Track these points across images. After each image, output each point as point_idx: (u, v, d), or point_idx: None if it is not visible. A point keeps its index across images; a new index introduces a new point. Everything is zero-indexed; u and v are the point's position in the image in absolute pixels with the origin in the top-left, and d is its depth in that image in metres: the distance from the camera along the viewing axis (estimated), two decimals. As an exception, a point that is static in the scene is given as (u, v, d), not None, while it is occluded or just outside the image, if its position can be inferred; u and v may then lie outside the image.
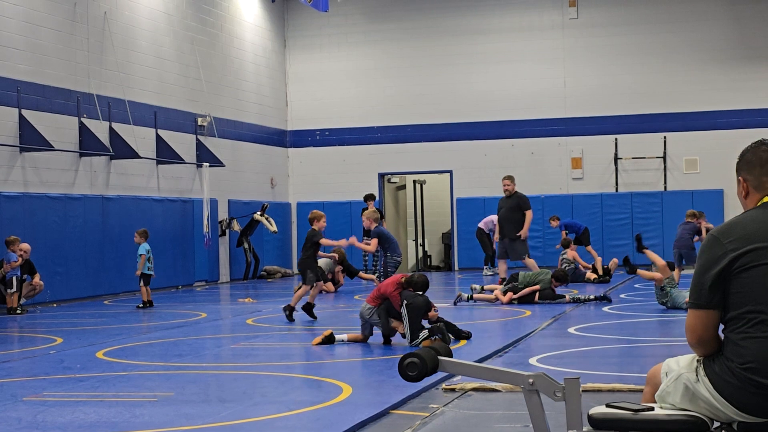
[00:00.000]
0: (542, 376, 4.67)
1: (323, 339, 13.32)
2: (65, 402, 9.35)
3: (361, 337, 13.51)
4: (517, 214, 21.98)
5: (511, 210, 22.03)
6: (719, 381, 4.52)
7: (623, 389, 9.12)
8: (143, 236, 20.77)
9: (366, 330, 13.47)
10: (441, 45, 33.30)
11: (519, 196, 22.23)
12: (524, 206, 22.01)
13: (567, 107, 32.49)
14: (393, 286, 13.23)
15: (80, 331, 16.26)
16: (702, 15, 31.75)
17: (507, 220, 22.02)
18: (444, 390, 9.52)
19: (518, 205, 22.02)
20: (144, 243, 20.66)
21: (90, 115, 23.72)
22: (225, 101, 30.25)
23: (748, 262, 4.48)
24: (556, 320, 16.10)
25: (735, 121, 31.14)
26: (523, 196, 22.32)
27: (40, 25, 22.35)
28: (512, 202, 22.06)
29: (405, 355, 4.79)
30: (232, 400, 9.32)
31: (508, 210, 22.11)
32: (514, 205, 22.00)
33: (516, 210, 21.99)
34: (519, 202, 22.06)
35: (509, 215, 22.01)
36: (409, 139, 33.53)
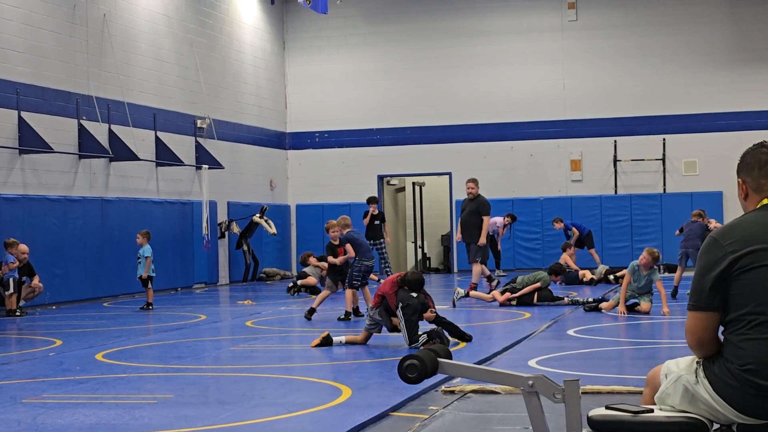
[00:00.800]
0: (542, 378, 4.67)
1: (321, 340, 13.33)
2: (65, 404, 9.35)
3: (360, 339, 13.52)
4: (479, 218, 21.18)
5: (472, 214, 21.20)
6: (719, 383, 4.52)
7: (623, 391, 9.12)
8: (146, 237, 20.77)
9: (372, 330, 13.45)
10: (440, 47, 33.31)
11: (481, 200, 21.38)
12: (483, 211, 21.17)
13: (566, 109, 32.50)
14: (390, 285, 13.24)
15: (80, 333, 16.25)
16: (701, 17, 31.76)
17: (469, 223, 21.15)
18: (443, 392, 9.52)
19: (478, 209, 21.18)
20: (147, 245, 20.66)
21: (89, 117, 23.72)
22: (224, 103, 30.25)
23: (748, 263, 4.48)
24: (556, 322, 16.10)
25: (734, 123, 31.15)
26: (485, 200, 21.47)
27: (39, 27, 22.36)
28: (474, 206, 21.25)
29: (404, 357, 4.79)
30: (231, 402, 9.32)
31: (469, 213, 21.25)
32: (475, 209, 21.20)
33: (477, 214, 21.18)
34: (480, 206, 21.22)
35: (471, 219, 21.16)
36: (409, 141, 33.53)
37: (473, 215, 21.14)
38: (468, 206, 21.39)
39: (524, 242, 32.40)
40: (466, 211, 21.34)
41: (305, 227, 33.41)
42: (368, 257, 17.55)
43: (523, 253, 31.94)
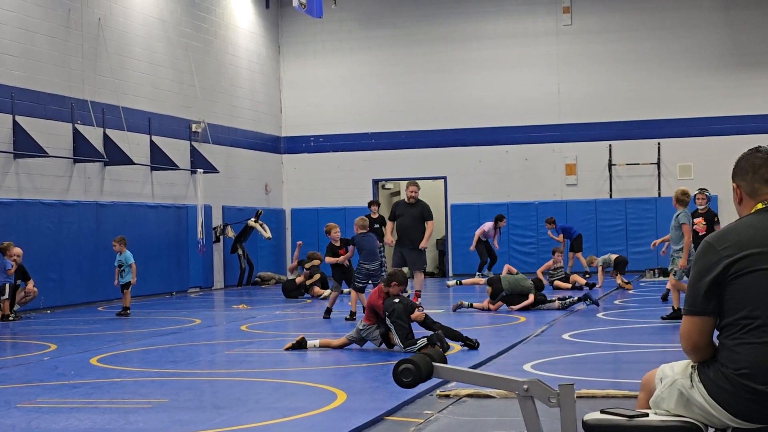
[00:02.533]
0: (537, 382, 4.67)
1: (295, 344, 13.37)
2: (59, 408, 9.34)
3: (336, 343, 13.50)
4: (422, 223, 20.27)
5: (415, 219, 20.18)
6: (714, 387, 4.52)
7: (618, 395, 9.12)
8: (123, 243, 20.36)
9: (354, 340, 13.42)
10: (435, 51, 33.33)
11: (424, 205, 20.52)
12: (429, 216, 20.30)
13: (561, 113, 32.53)
14: (377, 296, 13.24)
15: (74, 338, 16.23)
16: (696, 21, 31.81)
17: (411, 228, 20.11)
18: (438, 396, 9.52)
19: (422, 214, 20.26)
20: (127, 251, 20.34)
21: (84, 122, 23.71)
22: (219, 107, 30.25)
23: (742, 268, 4.48)
24: (550, 326, 16.11)
25: (729, 127, 31.20)
26: (427, 205, 20.64)
27: (34, 31, 22.35)
28: (416, 211, 20.27)
29: (400, 361, 4.79)
30: (226, 406, 9.31)
31: (411, 218, 20.19)
32: (418, 213, 20.23)
33: (420, 219, 20.22)
34: (423, 211, 20.31)
35: (414, 224, 20.15)
36: (404, 146, 33.56)
37: (417, 220, 20.20)
38: (408, 211, 20.32)
39: (519, 246, 32.42)
40: (407, 216, 20.20)
41: (300, 231, 33.37)
42: (369, 260, 17.76)
43: (518, 257, 31.92)
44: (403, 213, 20.36)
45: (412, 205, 20.39)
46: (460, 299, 20.02)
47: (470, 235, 32.26)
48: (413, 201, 20.40)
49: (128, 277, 20.23)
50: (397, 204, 20.88)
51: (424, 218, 20.23)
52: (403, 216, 20.38)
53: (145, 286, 25.71)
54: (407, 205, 20.45)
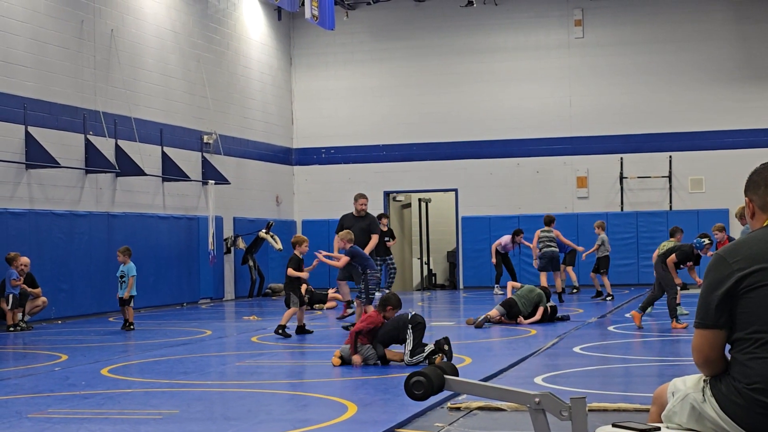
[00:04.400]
0: (548, 395, 4.67)
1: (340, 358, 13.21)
2: (70, 419, 9.34)
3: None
4: (369, 236, 19.72)
5: (364, 232, 19.62)
6: (726, 401, 4.51)
7: (629, 409, 9.10)
8: (128, 254, 19.70)
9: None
10: (446, 63, 33.36)
11: (372, 218, 20.11)
12: (375, 230, 19.87)
13: (572, 126, 32.52)
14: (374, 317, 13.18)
15: (85, 348, 16.25)
16: (708, 35, 31.79)
17: (360, 242, 19.19)
18: (449, 409, 9.50)
19: (370, 227, 19.74)
20: (131, 262, 19.68)
21: (96, 132, 23.76)
22: (231, 119, 30.30)
23: (754, 282, 4.48)
24: (561, 339, 16.08)
25: (741, 140, 31.16)
26: (375, 218, 20.25)
27: (46, 42, 22.41)
28: (365, 224, 19.75)
29: (411, 373, 4.79)
30: (237, 418, 9.30)
31: (360, 231, 19.46)
32: (366, 227, 19.70)
33: (368, 232, 19.70)
34: (371, 224, 19.84)
35: (362, 237, 19.52)
36: (415, 158, 33.57)
37: (365, 234, 19.66)
38: (357, 224, 19.65)
39: (529, 258, 32.34)
40: (356, 229, 19.31)
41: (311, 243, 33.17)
42: (375, 267, 17.85)
43: (528, 269, 31.87)
44: (352, 226, 19.55)
45: (362, 218, 19.90)
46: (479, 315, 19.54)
47: (481, 248, 32.36)
48: (364, 213, 19.93)
49: (125, 289, 19.50)
50: (345, 217, 20.23)
51: (371, 231, 19.70)
52: (351, 229, 19.36)
53: (156, 297, 25.78)
54: (356, 218, 19.90)
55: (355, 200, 20.20)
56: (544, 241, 26.17)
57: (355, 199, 20.21)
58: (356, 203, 20.06)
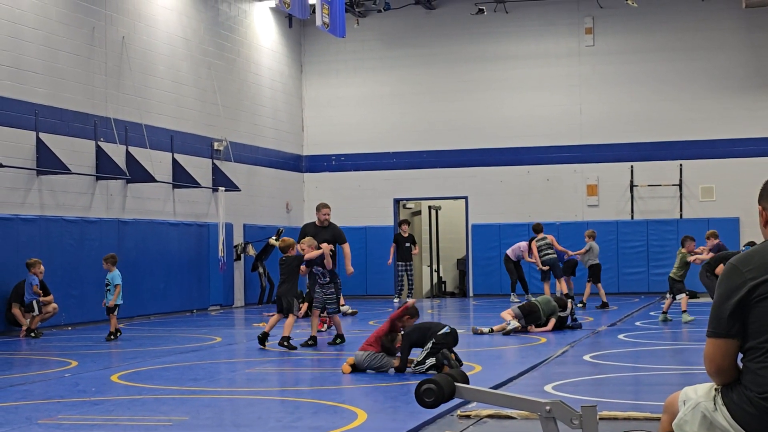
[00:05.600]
0: (559, 403, 4.66)
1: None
2: (80, 425, 9.35)
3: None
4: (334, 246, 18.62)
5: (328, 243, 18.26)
6: (737, 410, 4.50)
7: (639, 417, 9.08)
8: (113, 262, 19.17)
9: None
10: (457, 71, 33.37)
11: (336, 228, 19.32)
12: (343, 240, 19.12)
13: (583, 134, 32.49)
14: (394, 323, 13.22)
15: (95, 355, 16.27)
16: (719, 43, 31.75)
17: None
18: (459, 416, 9.49)
19: (335, 237, 18.83)
20: (116, 270, 19.17)
21: (107, 139, 23.80)
22: (241, 126, 30.33)
23: (767, 291, 4.47)
24: (572, 347, 16.06)
25: (751, 149, 31.10)
26: (339, 228, 19.44)
27: (58, 49, 22.46)
28: (329, 234, 18.81)
29: (422, 381, 4.79)
30: (246, 425, 9.30)
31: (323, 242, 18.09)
32: (331, 237, 18.70)
33: (333, 243, 18.52)
34: (336, 234, 19.02)
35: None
36: (425, 165, 33.57)
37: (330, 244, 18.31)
38: (321, 234, 18.66)
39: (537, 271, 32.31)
40: (319, 240, 18.12)
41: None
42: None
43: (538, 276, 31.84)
44: (315, 236, 18.55)
45: (325, 228, 19.13)
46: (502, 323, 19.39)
47: (491, 255, 32.38)
48: (327, 223, 19.20)
49: (111, 297, 18.99)
50: (307, 226, 19.51)
51: (336, 242, 18.89)
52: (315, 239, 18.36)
53: (166, 303, 25.81)
54: (319, 228, 19.10)
55: (317, 210, 19.46)
56: (543, 249, 26.13)
57: (317, 209, 19.48)
58: (319, 213, 19.33)
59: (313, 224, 19.37)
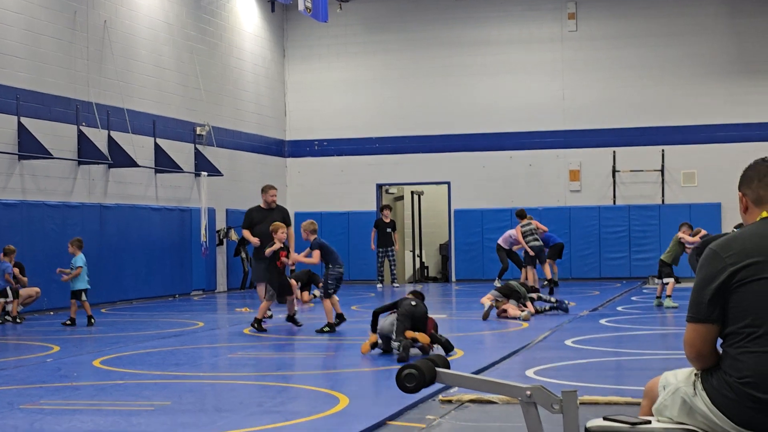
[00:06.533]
0: (540, 388, 4.67)
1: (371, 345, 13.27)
2: (62, 410, 9.34)
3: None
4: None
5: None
6: (717, 395, 4.52)
7: (620, 402, 9.12)
8: (77, 246, 18.95)
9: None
10: (440, 56, 33.34)
11: (283, 210, 19.10)
12: (289, 222, 18.53)
13: (565, 119, 32.52)
14: None
15: (77, 340, 16.24)
16: (701, 29, 31.79)
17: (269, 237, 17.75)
18: (441, 401, 9.51)
19: (284, 220, 18.24)
20: (81, 254, 18.94)
21: (89, 124, 23.73)
22: (224, 111, 30.26)
23: (747, 276, 4.48)
24: (553, 332, 16.09)
25: (733, 135, 31.17)
26: (286, 210, 19.21)
27: (40, 33, 22.37)
28: (277, 217, 18.47)
29: (403, 366, 4.79)
30: (228, 409, 9.31)
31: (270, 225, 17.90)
32: (280, 219, 18.22)
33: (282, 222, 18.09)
34: (284, 217, 18.63)
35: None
36: (408, 150, 33.55)
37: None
38: (269, 217, 18.50)
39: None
40: (267, 223, 18.08)
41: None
42: (340, 263, 16.88)
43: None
44: (263, 220, 18.56)
45: (272, 210, 18.89)
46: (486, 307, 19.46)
47: (473, 241, 32.41)
48: (273, 206, 18.94)
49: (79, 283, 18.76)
50: (253, 210, 19.19)
51: (285, 224, 18.25)
52: (262, 223, 18.57)
53: (148, 288, 25.78)
54: (267, 211, 18.85)
55: (263, 191, 19.11)
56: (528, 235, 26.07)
57: (263, 190, 19.13)
58: (266, 194, 18.99)
59: (258, 207, 19.09)
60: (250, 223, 18.98)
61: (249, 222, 19.02)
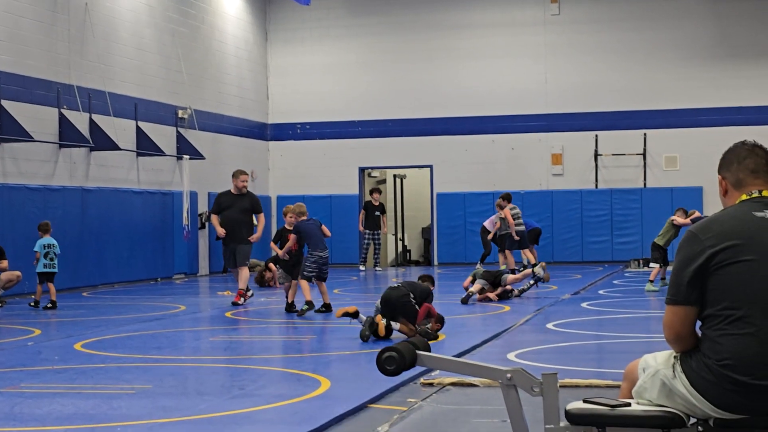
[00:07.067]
0: (520, 371, 4.69)
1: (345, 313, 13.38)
2: (42, 394, 9.33)
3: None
4: (251, 216, 19.00)
5: (246, 212, 18.80)
6: (696, 377, 4.54)
7: (601, 385, 9.15)
8: (42, 230, 19.05)
9: None
10: (423, 40, 33.30)
11: (253, 196, 19.10)
12: (259, 209, 19.06)
13: (548, 103, 32.53)
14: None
15: (58, 323, 16.22)
16: (684, 13, 31.82)
17: (241, 222, 18.64)
18: (422, 384, 9.53)
19: (253, 206, 18.84)
20: (44, 237, 19.00)
21: (70, 107, 23.64)
22: (206, 94, 30.19)
23: (725, 258, 4.50)
24: (535, 316, 16.13)
25: (715, 118, 31.23)
26: (256, 196, 19.25)
27: (20, 15, 22.26)
28: (247, 202, 18.74)
29: (383, 349, 4.80)
30: (210, 393, 9.31)
31: (242, 211, 18.67)
32: (249, 206, 18.78)
33: (250, 211, 18.89)
34: (254, 203, 18.88)
35: (246, 217, 18.82)
36: (390, 134, 33.53)
37: (248, 213, 18.85)
38: (238, 203, 18.67)
39: (505, 236, 32.43)
40: (237, 209, 18.57)
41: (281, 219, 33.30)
42: (321, 248, 16.69)
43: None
44: (232, 205, 18.63)
45: (242, 196, 18.83)
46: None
47: (456, 224, 32.46)
48: (244, 191, 18.86)
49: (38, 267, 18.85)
50: (222, 195, 19.09)
51: (254, 210, 18.90)
52: (231, 208, 18.68)
53: (130, 272, 25.73)
54: (236, 197, 18.79)
55: (234, 176, 18.98)
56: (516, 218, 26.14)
57: (234, 176, 19.00)
58: (236, 180, 18.84)
59: (228, 192, 18.94)
60: (219, 208, 18.85)
61: (218, 207, 18.90)
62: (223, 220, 18.71)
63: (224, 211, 18.75)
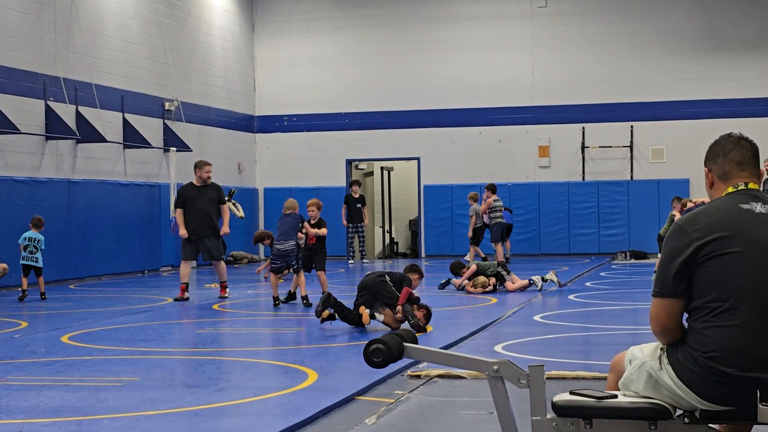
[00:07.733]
0: (507, 363, 4.69)
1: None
2: (29, 386, 9.31)
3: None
4: (217, 207, 18.35)
5: (213, 203, 18.23)
6: (682, 369, 4.55)
7: (587, 377, 9.17)
8: (32, 224, 19.03)
9: None
10: (410, 32, 33.28)
11: (218, 186, 18.60)
12: (223, 198, 18.50)
13: (535, 95, 32.55)
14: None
15: (45, 315, 16.19)
16: (671, 5, 31.86)
17: (213, 214, 18.17)
18: (409, 376, 9.54)
19: (219, 197, 18.33)
20: (30, 231, 18.97)
21: (56, 99, 23.59)
22: (192, 86, 30.14)
23: (712, 251, 4.51)
24: (522, 308, 16.15)
25: (702, 111, 31.30)
26: (220, 187, 18.72)
27: (6, 7, 22.19)
28: (213, 194, 18.29)
29: (370, 341, 4.81)
30: (197, 385, 9.31)
31: (209, 202, 18.11)
32: (215, 197, 18.27)
33: (217, 203, 18.30)
34: (219, 193, 18.39)
35: (213, 209, 18.24)
36: (377, 126, 33.52)
37: (215, 204, 18.27)
38: (204, 194, 18.18)
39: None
40: (204, 200, 18.04)
41: (273, 211, 33.31)
42: (280, 241, 16.71)
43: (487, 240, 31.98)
44: (198, 197, 18.09)
45: (207, 187, 18.31)
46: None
47: (443, 216, 32.48)
48: (209, 183, 18.33)
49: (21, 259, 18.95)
50: (186, 187, 18.50)
51: (220, 201, 18.34)
52: (198, 200, 18.13)
53: (117, 264, 25.69)
54: (201, 188, 18.26)
55: (198, 167, 18.43)
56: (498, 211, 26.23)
57: (197, 166, 18.45)
58: (200, 170, 18.29)
59: (191, 184, 18.46)
60: (184, 201, 18.29)
61: (183, 201, 18.33)
62: (189, 213, 18.18)
63: (190, 204, 18.19)
